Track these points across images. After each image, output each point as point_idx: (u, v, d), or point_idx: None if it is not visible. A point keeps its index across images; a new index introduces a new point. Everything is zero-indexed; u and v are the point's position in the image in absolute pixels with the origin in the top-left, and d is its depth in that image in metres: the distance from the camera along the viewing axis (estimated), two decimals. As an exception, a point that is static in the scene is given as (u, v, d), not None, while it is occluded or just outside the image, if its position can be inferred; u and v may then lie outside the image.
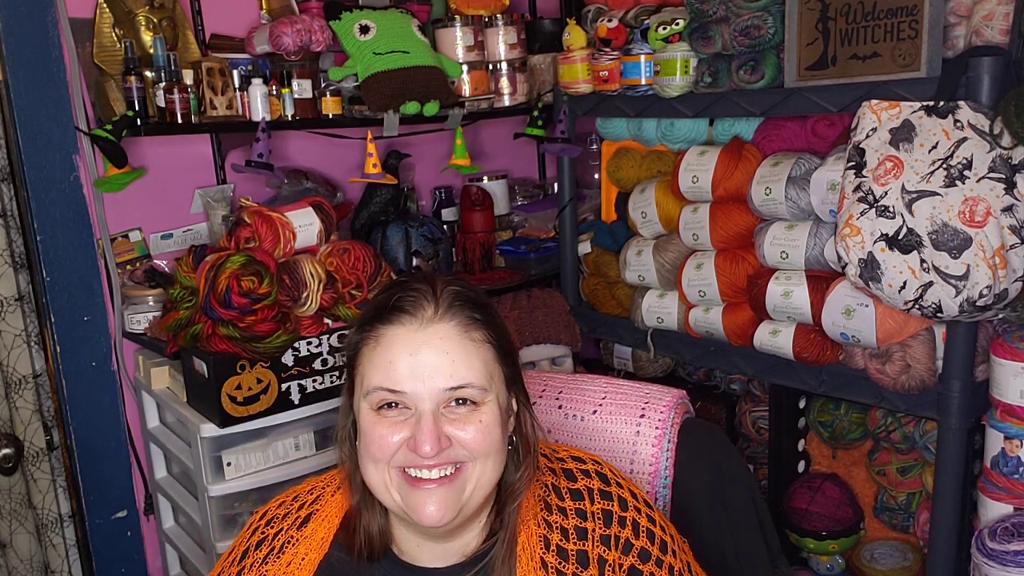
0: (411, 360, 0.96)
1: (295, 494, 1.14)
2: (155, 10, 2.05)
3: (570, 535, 1.02)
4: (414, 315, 0.97)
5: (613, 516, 1.04)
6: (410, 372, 0.96)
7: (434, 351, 0.96)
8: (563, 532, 1.02)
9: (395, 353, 0.97)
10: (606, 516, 1.04)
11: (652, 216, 2.26)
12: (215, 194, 2.24)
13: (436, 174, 2.66)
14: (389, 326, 0.98)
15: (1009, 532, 1.63)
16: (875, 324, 1.80)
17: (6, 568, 2.05)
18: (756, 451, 2.46)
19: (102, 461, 2.15)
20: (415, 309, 0.98)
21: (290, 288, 1.78)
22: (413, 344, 0.96)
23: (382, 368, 0.97)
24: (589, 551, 1.01)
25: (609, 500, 1.05)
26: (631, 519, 1.04)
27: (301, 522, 1.09)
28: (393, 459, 0.97)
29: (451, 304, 0.99)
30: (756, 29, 1.90)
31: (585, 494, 1.05)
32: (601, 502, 1.05)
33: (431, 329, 0.97)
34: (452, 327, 0.98)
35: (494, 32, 2.48)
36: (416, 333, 0.97)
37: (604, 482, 1.07)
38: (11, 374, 2.00)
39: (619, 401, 1.32)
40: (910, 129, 1.64)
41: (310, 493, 1.13)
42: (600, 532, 1.03)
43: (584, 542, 1.02)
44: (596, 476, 1.08)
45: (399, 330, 0.97)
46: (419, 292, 0.99)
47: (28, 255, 2.02)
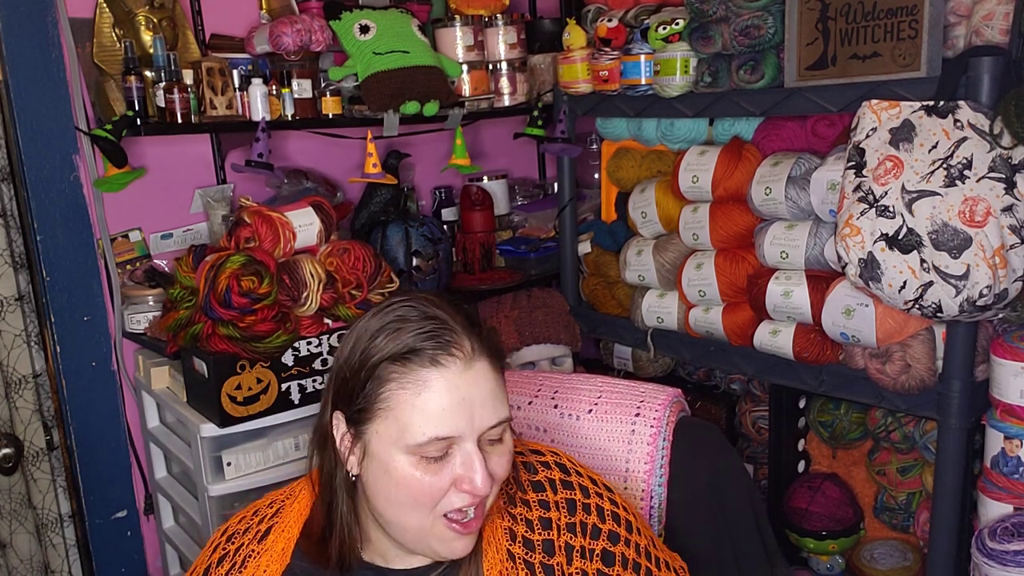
0: (462, 402, 0.93)
1: (255, 508, 1.13)
2: (155, 10, 2.06)
3: (535, 526, 1.03)
4: (456, 355, 0.93)
5: (577, 504, 1.05)
6: (461, 414, 0.93)
7: (479, 390, 0.94)
8: (528, 523, 1.03)
9: (446, 398, 0.92)
10: (570, 505, 1.05)
11: (652, 216, 2.26)
12: (215, 194, 2.24)
13: (436, 174, 2.66)
14: (434, 369, 0.93)
15: (1009, 532, 1.63)
16: (875, 324, 1.80)
17: (6, 568, 2.05)
18: (756, 451, 2.46)
19: (102, 461, 2.15)
20: (455, 348, 0.94)
21: (290, 288, 1.78)
22: (462, 386, 0.93)
23: (434, 416, 0.92)
24: (555, 540, 1.03)
25: (571, 489, 1.06)
26: (595, 505, 1.06)
27: (261, 536, 1.08)
28: (438, 507, 0.94)
29: (479, 336, 0.96)
30: (756, 29, 1.90)
31: (547, 485, 1.06)
32: (564, 492, 1.06)
33: (475, 368, 0.94)
34: (487, 363, 0.96)
35: (494, 32, 2.48)
36: (463, 374, 0.93)
37: (564, 472, 1.08)
38: (11, 374, 2.00)
39: (614, 400, 1.32)
40: (910, 129, 1.64)
41: (270, 507, 1.11)
42: (565, 521, 1.04)
43: (549, 531, 1.03)
44: (556, 467, 1.09)
45: (445, 373, 0.93)
46: (446, 326, 0.95)
47: (28, 255, 2.03)
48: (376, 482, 0.96)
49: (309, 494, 1.09)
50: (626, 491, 1.27)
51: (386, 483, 0.95)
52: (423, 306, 0.97)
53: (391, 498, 0.95)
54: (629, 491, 1.26)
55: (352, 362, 0.97)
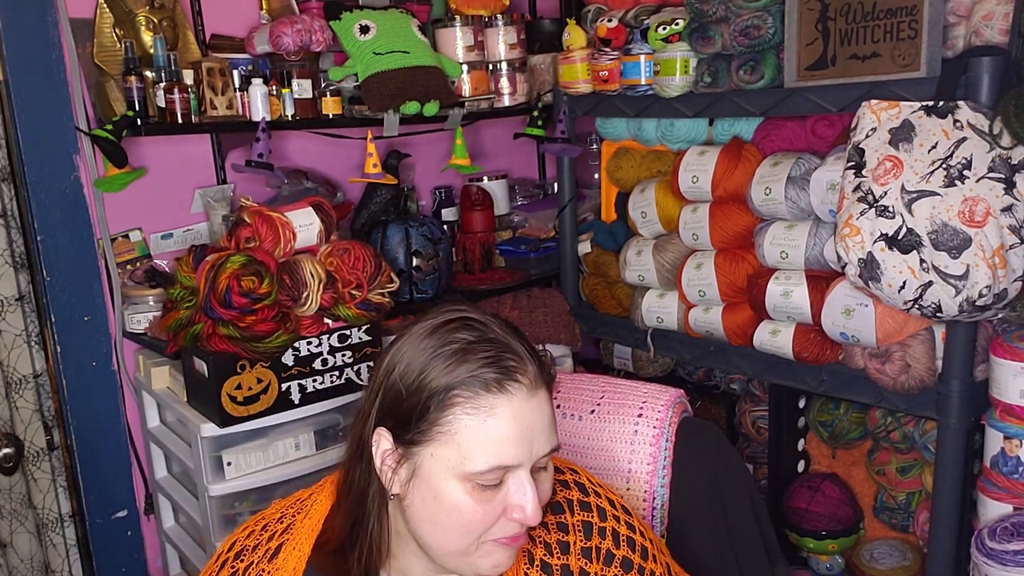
0: (525, 431, 0.89)
1: (264, 523, 1.08)
2: (155, 10, 2.06)
3: (553, 549, 1.01)
4: (521, 383, 0.89)
5: (593, 527, 1.02)
6: (523, 443, 0.89)
7: (541, 417, 0.91)
8: (546, 546, 1.01)
9: (512, 427, 0.89)
10: (586, 528, 1.02)
11: (652, 216, 2.26)
12: (215, 194, 2.24)
13: (436, 174, 2.66)
14: (501, 395, 0.89)
15: (1009, 532, 1.63)
16: (875, 324, 1.80)
17: (6, 568, 2.05)
18: (756, 451, 2.46)
19: (102, 461, 2.15)
20: (520, 374, 0.89)
21: (290, 288, 1.78)
22: (526, 414, 0.89)
23: (496, 444, 0.88)
24: (571, 564, 1.00)
25: (588, 511, 1.03)
26: (610, 529, 1.03)
27: (272, 554, 1.04)
28: (488, 533, 0.91)
29: (536, 360, 0.92)
30: (756, 29, 1.90)
31: (565, 506, 1.04)
32: (581, 514, 1.03)
33: (538, 395, 0.91)
34: (545, 389, 0.92)
35: (494, 32, 2.48)
36: (528, 402, 0.90)
37: (583, 492, 1.05)
38: (11, 374, 2.00)
39: (617, 400, 1.32)
40: (910, 129, 1.64)
41: (280, 522, 1.07)
42: (581, 545, 1.01)
43: (567, 556, 1.01)
44: (575, 487, 1.06)
45: (512, 400, 0.89)
46: (509, 350, 0.90)
47: (28, 255, 2.03)
48: (423, 505, 0.93)
49: (321, 507, 1.05)
50: (628, 492, 1.27)
51: (435, 508, 0.91)
52: (481, 327, 0.93)
53: (438, 523, 0.92)
54: (632, 492, 1.27)
55: (409, 382, 0.92)
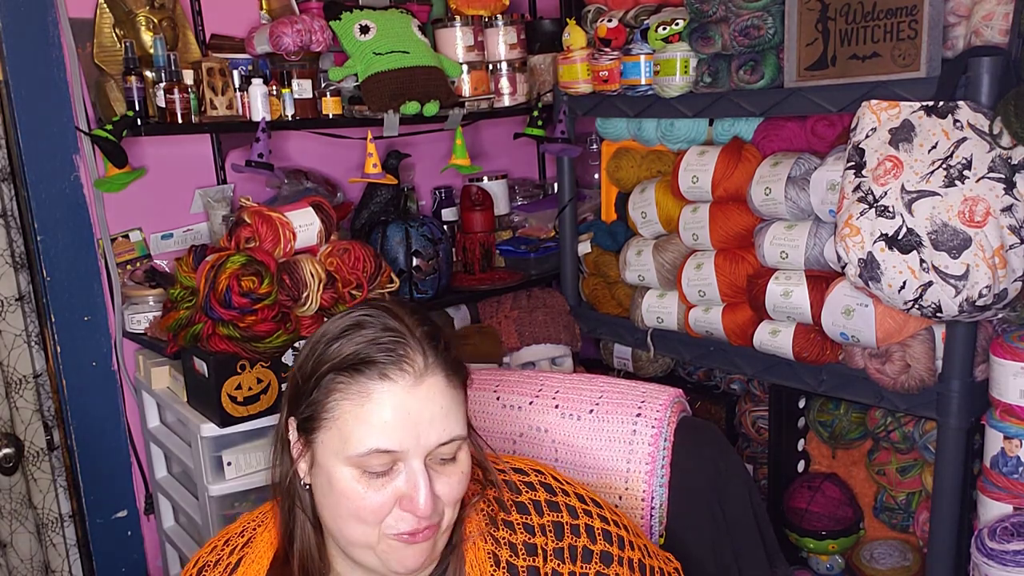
0: (407, 417, 0.89)
1: (227, 537, 1.08)
2: (155, 10, 2.06)
3: (519, 550, 1.00)
4: (405, 370, 0.90)
5: (564, 527, 1.02)
6: (406, 430, 0.89)
7: (429, 406, 0.90)
8: (512, 548, 1.00)
9: (391, 412, 0.89)
10: (557, 528, 1.01)
11: (652, 216, 2.26)
12: (215, 194, 2.24)
13: (436, 174, 2.66)
14: (380, 382, 0.89)
15: (1009, 532, 1.63)
16: (875, 324, 1.80)
17: (6, 568, 2.05)
18: (756, 451, 2.46)
19: (102, 461, 2.15)
20: (403, 362, 0.90)
21: (290, 288, 1.79)
22: (408, 401, 0.89)
23: (377, 428, 0.89)
24: (541, 567, 0.99)
25: (557, 511, 1.03)
26: (584, 525, 1.02)
27: (232, 568, 1.04)
28: (384, 523, 0.91)
29: (435, 350, 0.92)
30: (756, 29, 1.90)
31: (531, 507, 1.03)
32: (550, 514, 1.02)
33: (426, 383, 0.90)
34: (441, 379, 0.92)
35: (494, 32, 2.48)
36: (412, 389, 0.90)
37: (550, 492, 1.04)
38: (11, 374, 2.00)
39: (615, 400, 1.32)
40: (910, 129, 1.64)
41: (241, 536, 1.07)
42: (553, 546, 1.00)
43: (535, 558, 0.99)
44: (541, 487, 1.05)
45: (392, 387, 0.89)
46: (401, 339, 0.91)
47: (28, 255, 2.03)
48: (321, 493, 0.94)
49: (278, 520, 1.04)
50: (627, 491, 1.27)
51: (330, 495, 0.93)
52: (382, 316, 0.93)
53: (335, 511, 0.93)
54: (630, 492, 1.26)
55: (305, 368, 0.94)
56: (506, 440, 1.36)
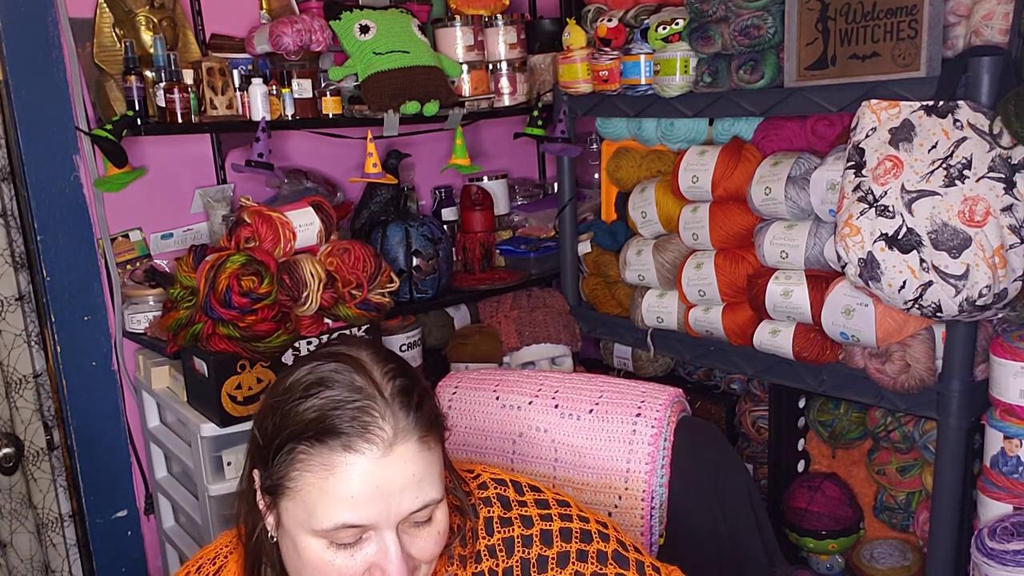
0: (376, 491, 0.82)
1: (199, 564, 1.02)
2: (155, 10, 2.06)
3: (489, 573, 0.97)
4: (373, 440, 0.82)
5: (515, 542, 0.97)
6: (374, 503, 0.82)
7: (399, 476, 0.83)
8: None
9: (356, 486, 0.81)
10: (508, 545, 0.97)
11: (652, 216, 2.26)
12: (215, 194, 2.24)
13: (436, 174, 2.67)
14: (345, 454, 0.81)
15: (1009, 531, 1.63)
16: (875, 324, 1.80)
17: (6, 568, 2.05)
18: (756, 451, 2.46)
19: (102, 461, 2.15)
20: (370, 432, 0.82)
21: (290, 288, 1.79)
22: (377, 473, 0.82)
23: (343, 502, 0.82)
24: None
25: (509, 526, 0.98)
26: (538, 532, 0.98)
27: None
28: None
29: (407, 411, 0.84)
30: (756, 29, 1.90)
31: (480, 531, 0.98)
32: (502, 531, 0.98)
33: (396, 452, 0.83)
34: (412, 445, 0.84)
35: (494, 32, 2.48)
36: (380, 460, 0.82)
37: (505, 507, 1.00)
38: (11, 374, 2.00)
39: (615, 400, 1.32)
40: (910, 129, 1.64)
41: (212, 563, 1.02)
42: (503, 566, 0.97)
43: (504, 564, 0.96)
44: (497, 502, 1.00)
45: (359, 459, 0.81)
46: (368, 401, 0.83)
47: (28, 255, 2.03)
48: (288, 556, 0.89)
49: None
50: (627, 492, 1.27)
51: (296, 560, 0.87)
52: (348, 373, 0.85)
53: (302, 574, 0.88)
54: (630, 491, 1.26)
55: (266, 428, 0.87)
56: (505, 440, 1.36)
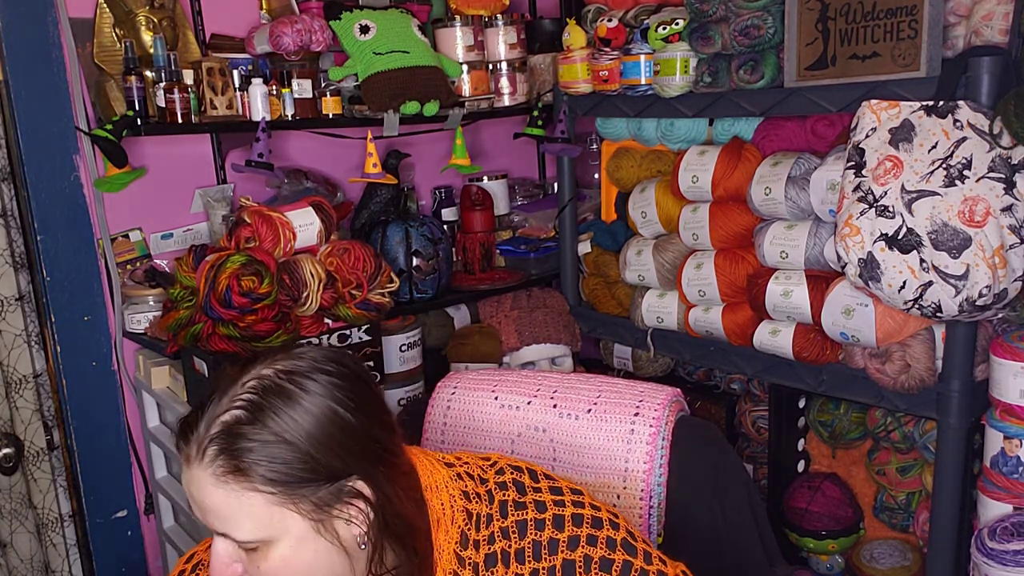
0: (192, 496, 0.91)
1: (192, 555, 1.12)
2: (155, 10, 2.06)
3: (480, 570, 0.99)
4: (184, 451, 0.90)
5: (528, 524, 1.00)
6: (195, 504, 0.91)
7: (199, 494, 0.89)
8: (474, 568, 0.99)
9: (184, 479, 0.92)
10: (520, 527, 1.00)
11: (652, 216, 2.26)
12: (215, 194, 2.24)
13: (436, 174, 2.67)
14: (178, 450, 0.92)
15: (1009, 532, 1.63)
16: (875, 324, 1.80)
17: (6, 568, 2.05)
18: (756, 451, 2.46)
19: (102, 461, 2.15)
20: (186, 444, 0.90)
21: (290, 288, 1.79)
22: (187, 479, 0.90)
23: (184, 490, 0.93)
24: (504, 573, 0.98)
25: (523, 509, 1.01)
26: (551, 516, 1.00)
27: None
28: None
29: (211, 445, 0.87)
30: (756, 29, 1.90)
31: (496, 515, 1.01)
32: (516, 514, 1.01)
33: (194, 472, 0.89)
34: (207, 476, 0.87)
35: (494, 32, 2.48)
36: (187, 471, 0.90)
37: (520, 492, 1.03)
38: (11, 374, 2.00)
39: (613, 400, 1.32)
40: (910, 129, 1.64)
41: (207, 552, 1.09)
42: (515, 547, 0.99)
43: (494, 569, 0.99)
44: (513, 487, 1.03)
45: (182, 458, 0.91)
46: (194, 420, 0.89)
47: (28, 255, 2.03)
48: None
49: None
50: (625, 491, 1.27)
51: None
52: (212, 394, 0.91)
53: None
54: (628, 491, 1.26)
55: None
56: (504, 440, 1.36)
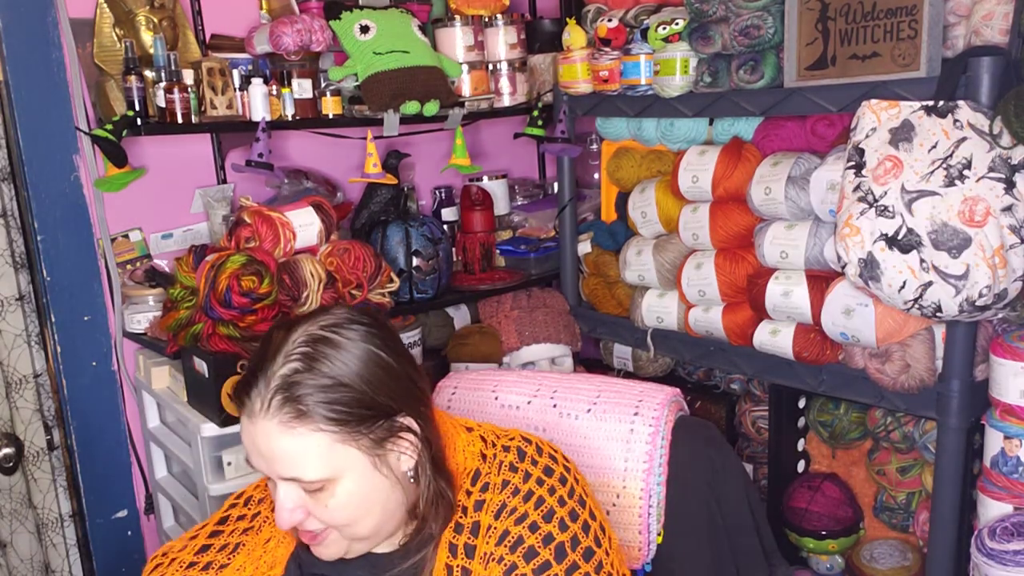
0: (254, 445, 0.99)
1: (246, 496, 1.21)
2: (155, 10, 2.06)
3: (469, 511, 1.05)
4: (247, 406, 0.98)
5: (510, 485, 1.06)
6: (256, 455, 1.00)
7: (266, 443, 0.98)
8: (463, 510, 1.05)
9: (246, 437, 1.00)
10: (503, 485, 1.06)
11: (652, 216, 2.26)
12: (215, 194, 2.24)
13: (436, 174, 2.67)
14: (242, 408, 1.00)
15: (1009, 532, 1.63)
16: (875, 324, 1.80)
17: (7, 568, 2.06)
18: (756, 451, 2.46)
19: (102, 461, 2.15)
20: (249, 399, 0.98)
21: (290, 288, 1.79)
22: (251, 434, 0.99)
23: (247, 447, 1.01)
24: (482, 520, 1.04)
25: (515, 472, 1.07)
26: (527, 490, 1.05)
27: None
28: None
29: (278, 396, 0.96)
30: (756, 29, 1.90)
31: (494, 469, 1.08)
32: (507, 473, 1.07)
33: (259, 425, 0.97)
34: (274, 425, 0.97)
35: (494, 32, 2.48)
36: (252, 425, 0.98)
37: (519, 457, 1.09)
38: (12, 374, 2.00)
39: (613, 400, 1.32)
40: (910, 129, 1.64)
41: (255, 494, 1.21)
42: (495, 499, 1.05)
43: (479, 512, 1.05)
44: (515, 451, 1.09)
45: (244, 416, 0.99)
46: (252, 375, 0.99)
47: (29, 255, 2.03)
48: None
49: None
50: (624, 490, 1.27)
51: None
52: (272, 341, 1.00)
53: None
54: (628, 490, 1.27)
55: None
56: (505, 440, 1.36)
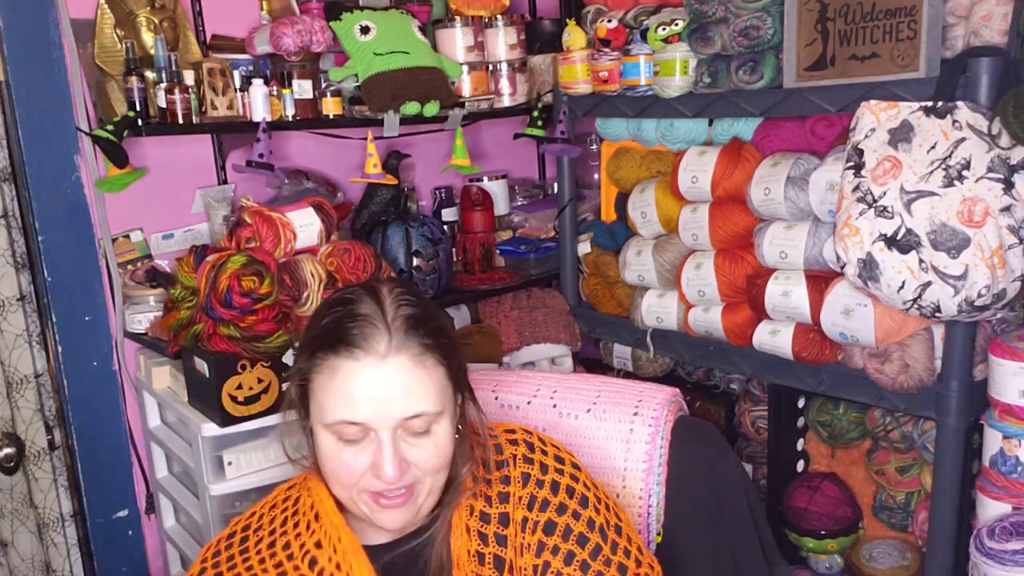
0: (369, 393, 0.97)
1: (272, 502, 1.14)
2: (156, 10, 2.06)
3: (493, 500, 1.08)
4: (367, 350, 0.97)
5: (531, 478, 1.09)
6: (369, 403, 0.97)
7: (390, 384, 0.98)
8: (487, 499, 1.08)
9: (353, 386, 0.97)
10: (524, 478, 1.09)
11: (652, 216, 2.26)
12: (216, 194, 2.24)
13: (436, 174, 2.67)
14: (343, 360, 0.98)
15: (1008, 531, 1.63)
16: (874, 324, 1.81)
17: (8, 567, 2.06)
18: (755, 451, 2.46)
19: (103, 461, 2.16)
20: (368, 344, 0.98)
21: (291, 288, 1.79)
22: (370, 378, 0.97)
23: (343, 401, 0.98)
24: (511, 513, 1.07)
25: (530, 464, 1.10)
26: (550, 480, 1.09)
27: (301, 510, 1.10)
28: (359, 484, 1.01)
29: (404, 334, 0.99)
30: (755, 30, 1.90)
31: (510, 461, 1.11)
32: (523, 466, 1.10)
33: (389, 363, 0.97)
34: (406, 359, 0.98)
35: (494, 32, 2.48)
36: (372, 368, 0.97)
37: (529, 449, 1.12)
38: (12, 374, 2.01)
39: (613, 400, 1.32)
40: (909, 129, 1.65)
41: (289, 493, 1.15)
42: (519, 493, 1.08)
43: (506, 504, 1.08)
44: (523, 444, 1.13)
45: (355, 365, 0.97)
46: (369, 322, 0.99)
47: (29, 255, 2.03)
48: (316, 450, 1.05)
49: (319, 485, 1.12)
50: (624, 490, 1.27)
51: (319, 454, 1.03)
52: (363, 297, 1.01)
53: (323, 468, 1.04)
54: (627, 490, 1.27)
55: (303, 340, 1.05)
56: (505, 439, 1.37)
